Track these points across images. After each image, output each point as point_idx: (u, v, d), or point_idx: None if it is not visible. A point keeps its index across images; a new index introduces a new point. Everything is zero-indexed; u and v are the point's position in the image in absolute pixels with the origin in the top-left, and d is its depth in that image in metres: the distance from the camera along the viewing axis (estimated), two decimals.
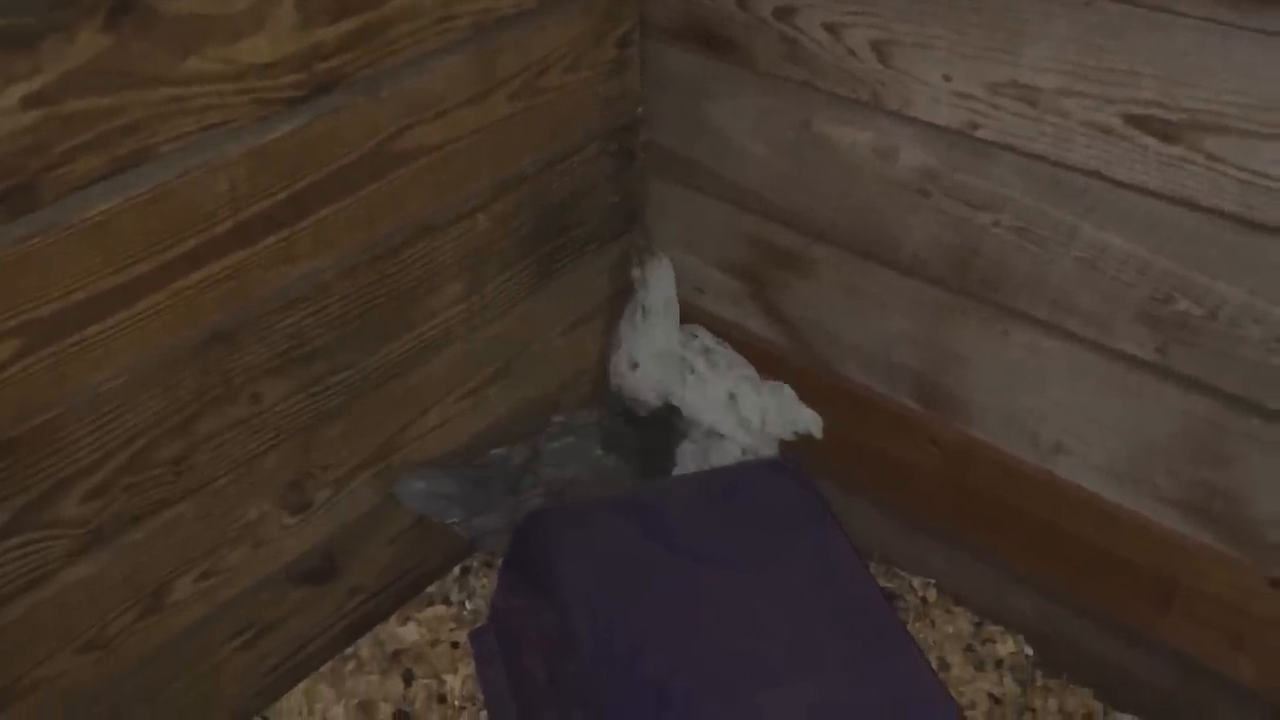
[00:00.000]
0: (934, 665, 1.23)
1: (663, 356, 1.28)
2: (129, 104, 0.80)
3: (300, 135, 0.92)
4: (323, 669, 1.23)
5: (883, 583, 1.32)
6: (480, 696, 1.19)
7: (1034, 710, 1.20)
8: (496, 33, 1.04)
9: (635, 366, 1.30)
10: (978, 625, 1.28)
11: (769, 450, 1.28)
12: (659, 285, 1.29)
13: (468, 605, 1.30)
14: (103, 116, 0.79)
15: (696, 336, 1.30)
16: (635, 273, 1.30)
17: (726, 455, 1.27)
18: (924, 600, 1.30)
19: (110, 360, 0.87)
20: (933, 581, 1.32)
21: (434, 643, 1.26)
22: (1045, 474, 1.12)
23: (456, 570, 1.34)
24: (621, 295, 1.36)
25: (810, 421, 1.25)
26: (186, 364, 0.93)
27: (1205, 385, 0.96)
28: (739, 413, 1.26)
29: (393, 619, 1.28)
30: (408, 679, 1.22)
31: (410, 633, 1.27)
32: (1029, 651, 1.25)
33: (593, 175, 1.24)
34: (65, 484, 0.89)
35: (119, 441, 0.91)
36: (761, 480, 1.14)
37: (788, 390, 1.27)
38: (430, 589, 1.32)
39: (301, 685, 1.21)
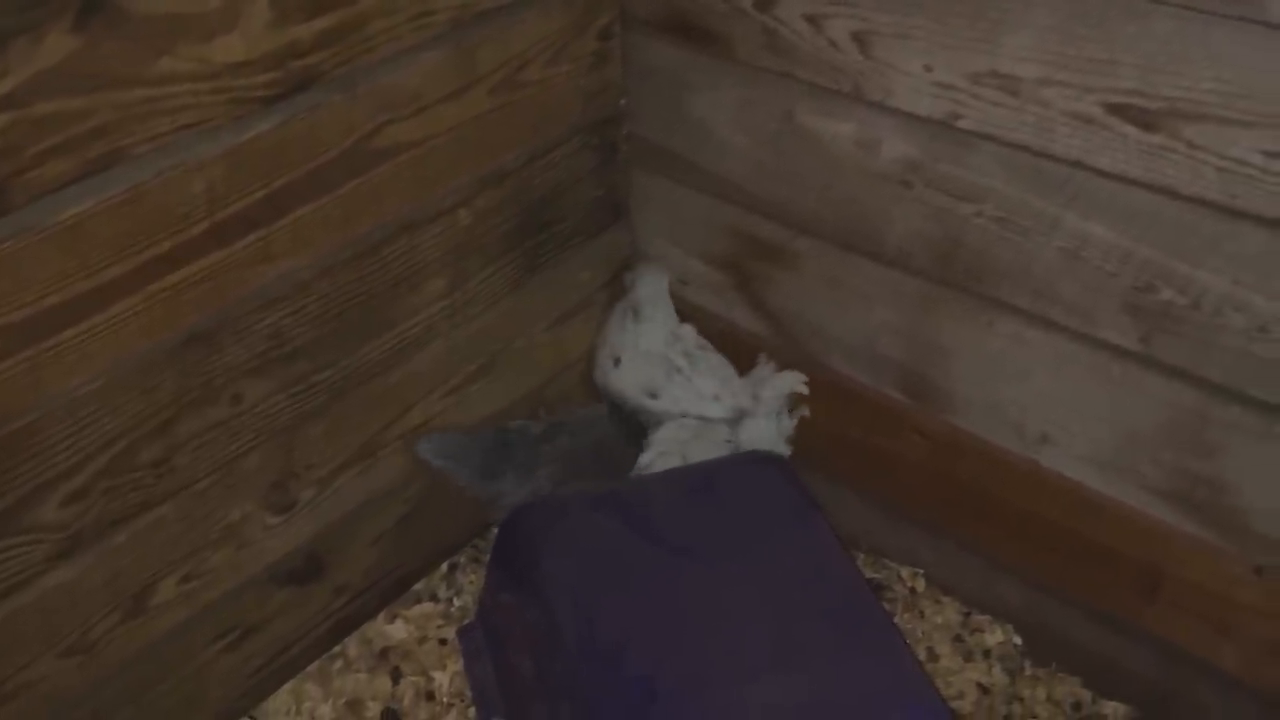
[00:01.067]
0: (923, 655, 1.23)
1: (647, 355, 1.28)
2: (101, 105, 0.79)
3: (277, 134, 0.91)
4: (310, 668, 1.22)
5: (871, 573, 1.32)
6: (468, 693, 1.19)
7: (1022, 699, 1.20)
8: (475, 27, 1.03)
9: (617, 363, 1.30)
10: (966, 615, 1.28)
11: (768, 424, 1.28)
12: (649, 290, 1.29)
13: (455, 602, 1.30)
14: (74, 118, 0.78)
15: (680, 338, 1.30)
16: (627, 276, 1.30)
17: (713, 445, 1.27)
18: (912, 590, 1.30)
19: (87, 364, 0.86)
20: (921, 571, 1.32)
21: (422, 640, 1.26)
22: (1030, 464, 1.11)
23: (444, 567, 1.34)
24: (606, 289, 1.35)
25: (793, 381, 1.25)
26: (165, 366, 0.92)
27: (1189, 374, 0.96)
28: (729, 404, 1.26)
29: (380, 617, 1.28)
30: (395, 677, 1.21)
31: (398, 630, 1.27)
32: (1017, 641, 1.25)
33: (575, 169, 1.23)
34: (44, 488, 0.88)
35: (98, 445, 0.90)
36: (747, 474, 1.14)
37: (763, 369, 1.27)
38: (417, 586, 1.31)
39: (288, 685, 1.20)
